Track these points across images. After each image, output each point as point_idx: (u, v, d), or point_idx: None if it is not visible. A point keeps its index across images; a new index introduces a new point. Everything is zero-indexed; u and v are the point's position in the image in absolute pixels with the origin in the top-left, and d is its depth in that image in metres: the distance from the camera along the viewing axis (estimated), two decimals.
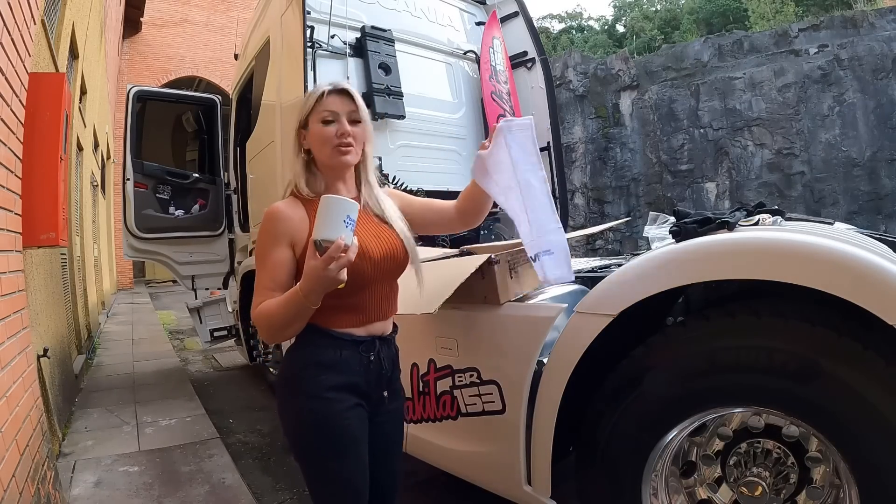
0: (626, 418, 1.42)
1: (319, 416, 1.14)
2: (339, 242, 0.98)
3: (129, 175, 4.36)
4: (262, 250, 1.16)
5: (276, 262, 1.13)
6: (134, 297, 11.62)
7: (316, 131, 1.19)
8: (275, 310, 1.08)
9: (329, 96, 1.19)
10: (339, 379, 1.16)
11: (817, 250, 1.16)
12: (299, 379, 1.17)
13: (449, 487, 2.38)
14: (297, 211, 1.17)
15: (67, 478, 2.59)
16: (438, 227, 1.41)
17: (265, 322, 1.11)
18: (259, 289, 1.13)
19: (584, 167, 12.01)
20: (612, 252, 10.86)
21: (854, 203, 9.79)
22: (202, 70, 14.12)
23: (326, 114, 1.18)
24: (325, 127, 1.18)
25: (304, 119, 1.21)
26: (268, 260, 1.14)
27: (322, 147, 1.19)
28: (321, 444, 1.15)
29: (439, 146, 3.72)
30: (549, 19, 30.94)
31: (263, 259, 1.15)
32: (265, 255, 1.15)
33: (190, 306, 4.87)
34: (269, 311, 1.09)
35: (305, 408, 1.15)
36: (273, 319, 1.09)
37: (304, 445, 1.18)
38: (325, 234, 1.00)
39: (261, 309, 1.11)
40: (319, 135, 1.18)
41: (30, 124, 2.17)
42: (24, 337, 1.99)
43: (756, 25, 16.05)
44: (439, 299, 1.38)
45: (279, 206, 1.17)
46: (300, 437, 1.18)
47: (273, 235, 1.15)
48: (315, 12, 3.13)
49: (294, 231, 1.15)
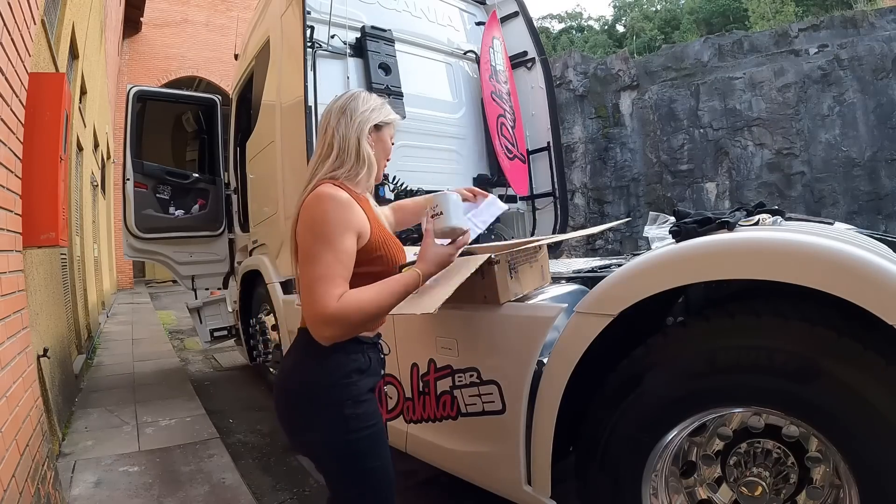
0: (626, 418, 1.42)
1: (365, 418, 1.17)
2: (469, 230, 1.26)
3: (129, 175, 4.36)
4: (330, 236, 1.11)
5: (349, 250, 1.12)
6: (134, 297, 11.62)
7: (387, 143, 1.35)
8: (379, 298, 1.11)
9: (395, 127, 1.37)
10: (372, 381, 1.22)
11: (817, 250, 1.16)
12: (340, 386, 1.16)
13: (449, 487, 2.37)
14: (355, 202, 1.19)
15: (67, 478, 2.59)
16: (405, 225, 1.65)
17: (365, 312, 1.09)
18: (330, 278, 1.08)
19: (584, 167, 12.00)
20: (612, 252, 10.86)
21: (854, 203, 9.78)
22: (202, 70, 14.13)
23: (393, 136, 1.36)
24: (391, 145, 1.36)
25: (381, 123, 1.30)
26: (339, 248, 1.11)
27: (383, 157, 1.34)
28: (369, 445, 1.17)
29: (439, 146, 3.72)
30: (549, 19, 30.98)
31: (332, 245, 1.10)
32: (334, 241, 1.11)
33: (190, 306, 4.87)
34: (370, 300, 1.10)
35: (352, 413, 1.15)
36: (378, 308, 1.11)
37: (350, 452, 1.16)
38: (459, 223, 1.24)
39: (353, 299, 1.08)
40: (388, 147, 1.35)
41: (30, 124, 2.17)
42: (24, 337, 1.99)
43: (756, 25, 16.05)
44: (439, 299, 1.38)
45: (343, 196, 1.16)
46: (346, 445, 1.16)
47: (345, 224, 1.13)
48: (315, 12, 3.13)
49: (361, 221, 1.18)
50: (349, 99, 1.28)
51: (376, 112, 1.28)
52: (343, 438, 1.15)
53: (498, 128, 3.72)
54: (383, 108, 1.31)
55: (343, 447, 1.16)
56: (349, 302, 1.07)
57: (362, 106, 1.26)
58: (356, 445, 1.16)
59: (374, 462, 1.18)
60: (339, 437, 1.15)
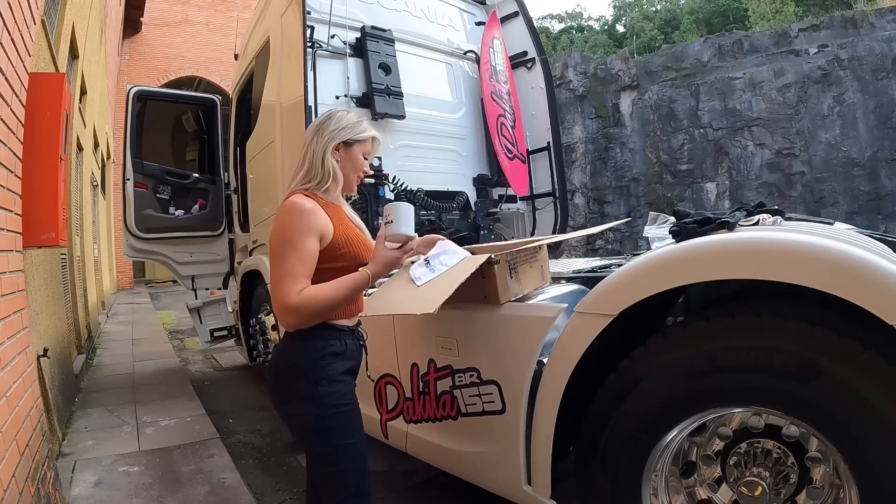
0: (626, 418, 1.42)
1: (338, 397, 1.32)
2: (415, 237, 1.39)
3: (129, 175, 4.36)
4: (293, 239, 1.29)
5: (311, 251, 1.29)
6: (134, 297, 11.62)
7: (357, 159, 1.46)
8: (334, 293, 1.28)
9: (375, 143, 1.49)
10: (347, 364, 1.38)
11: (817, 250, 1.16)
12: (316, 367, 1.32)
13: (449, 487, 2.38)
14: (320, 208, 1.35)
15: (67, 478, 2.59)
16: None
17: (321, 304, 1.27)
18: (293, 275, 1.26)
19: (584, 167, 11.99)
20: (612, 252, 10.86)
21: (854, 203, 9.78)
22: (202, 70, 14.13)
23: (369, 154, 1.49)
24: (364, 160, 1.48)
25: (350, 140, 1.43)
26: (301, 250, 1.28)
27: (353, 172, 1.46)
28: (341, 422, 1.32)
29: (439, 146, 3.72)
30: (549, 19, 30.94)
31: (295, 247, 1.28)
32: (298, 245, 1.28)
33: (190, 306, 4.87)
34: (326, 294, 1.28)
35: (326, 391, 1.31)
36: (333, 301, 1.28)
37: (323, 426, 1.31)
38: (406, 230, 1.36)
39: (311, 293, 1.27)
40: (358, 163, 1.46)
41: (30, 124, 2.17)
42: (24, 337, 1.99)
43: (756, 25, 16.04)
44: (439, 299, 1.38)
45: (307, 201, 1.33)
46: (319, 420, 1.31)
47: (307, 228, 1.29)
48: (315, 12, 3.13)
49: (323, 225, 1.33)
50: (325, 118, 1.45)
51: (346, 130, 1.42)
52: (316, 412, 1.31)
53: (498, 128, 3.73)
54: (356, 127, 1.43)
55: (316, 422, 1.31)
56: (308, 295, 1.26)
57: (333, 125, 1.42)
58: (329, 420, 1.31)
59: (347, 439, 1.32)
60: (313, 410, 1.31)
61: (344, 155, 1.43)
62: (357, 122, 1.45)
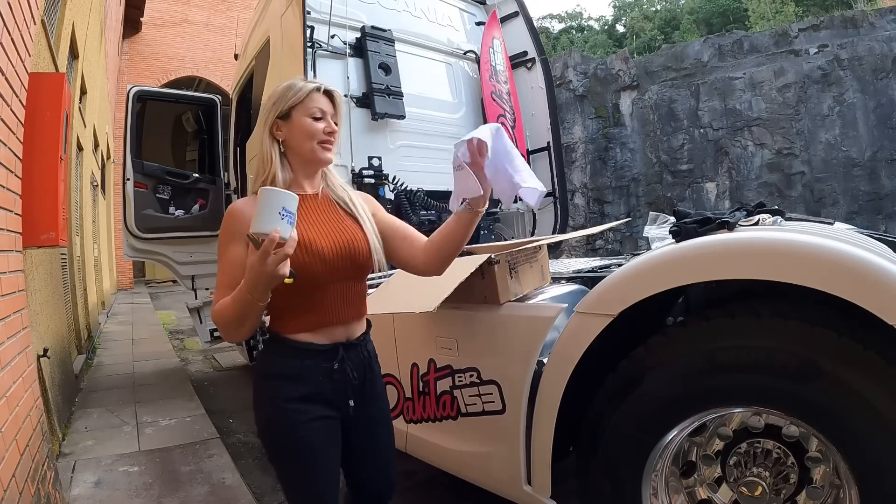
0: (626, 418, 1.42)
1: (276, 427, 1.17)
2: (273, 236, 0.94)
3: (129, 175, 4.37)
4: (220, 249, 1.16)
5: (233, 259, 1.12)
6: (134, 297, 11.62)
7: (304, 124, 1.19)
8: (228, 308, 1.07)
9: (319, 94, 1.21)
10: (301, 390, 1.16)
11: (817, 250, 1.16)
12: (262, 388, 1.20)
13: (449, 487, 2.38)
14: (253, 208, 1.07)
15: (67, 478, 2.59)
16: (397, 254, 1.30)
17: (220, 320, 1.10)
18: (218, 287, 1.13)
19: (584, 167, 12.00)
20: (612, 252, 10.86)
21: (854, 203, 9.79)
22: (202, 70, 14.13)
23: (316, 110, 1.19)
24: (315, 122, 1.19)
25: (284, 110, 1.19)
26: (224, 258, 1.14)
27: (306, 141, 1.19)
28: (281, 453, 1.19)
29: (439, 146, 3.72)
30: (549, 19, 30.98)
31: (221, 257, 1.14)
32: (222, 253, 1.14)
33: (190, 306, 4.87)
34: (222, 309, 1.08)
35: (265, 417, 1.19)
36: (226, 317, 1.08)
37: (268, 452, 1.23)
38: (258, 228, 0.95)
39: (217, 307, 1.11)
40: (307, 128, 1.19)
41: (30, 124, 2.17)
42: (24, 337, 1.99)
43: (756, 25, 16.05)
44: (438, 298, 1.38)
45: (236, 204, 1.17)
46: (265, 443, 1.23)
47: (229, 233, 1.14)
48: (315, 12, 3.13)
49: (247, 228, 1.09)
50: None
51: (276, 105, 1.20)
52: (262, 437, 1.22)
53: None
54: (285, 94, 1.20)
55: (264, 445, 1.23)
56: (215, 309, 1.11)
57: (269, 107, 1.22)
58: (272, 449, 1.21)
59: (292, 466, 1.18)
60: (259, 435, 1.23)
61: (286, 130, 1.20)
62: (286, 87, 1.21)
